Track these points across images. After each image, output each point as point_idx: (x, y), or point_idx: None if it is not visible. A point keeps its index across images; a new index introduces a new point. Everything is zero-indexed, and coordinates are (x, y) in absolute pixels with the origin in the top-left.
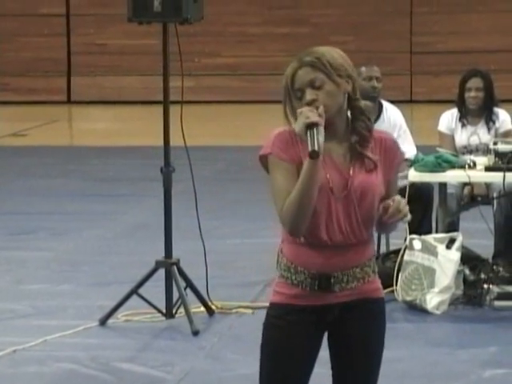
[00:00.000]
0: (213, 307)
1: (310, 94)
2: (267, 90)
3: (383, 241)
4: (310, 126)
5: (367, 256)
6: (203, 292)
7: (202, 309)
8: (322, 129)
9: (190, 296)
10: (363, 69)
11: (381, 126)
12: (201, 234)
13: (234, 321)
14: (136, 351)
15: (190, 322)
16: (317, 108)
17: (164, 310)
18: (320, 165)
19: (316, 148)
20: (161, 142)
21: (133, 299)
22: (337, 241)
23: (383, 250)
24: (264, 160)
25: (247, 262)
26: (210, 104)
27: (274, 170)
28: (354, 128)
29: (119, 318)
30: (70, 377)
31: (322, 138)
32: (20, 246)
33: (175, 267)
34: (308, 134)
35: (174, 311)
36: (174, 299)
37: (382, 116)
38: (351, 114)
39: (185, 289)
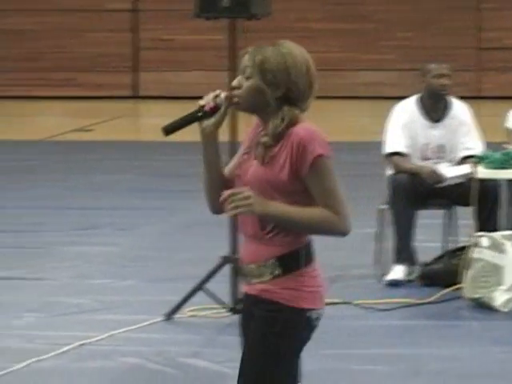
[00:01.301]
0: None
1: (236, 80)
2: (330, 85)
3: (450, 237)
4: (201, 107)
5: (266, 256)
6: None
7: None
8: (218, 113)
9: None
10: (433, 66)
11: (448, 122)
12: None
13: None
14: (201, 346)
15: None
16: (218, 95)
17: (229, 306)
18: (209, 146)
19: (166, 125)
20: (227, 138)
21: (198, 294)
22: (247, 230)
23: (449, 247)
24: None
25: None
26: None
27: None
28: (268, 124)
29: (185, 313)
30: (136, 371)
31: (208, 122)
32: (85, 241)
33: None
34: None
35: (239, 307)
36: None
37: (449, 113)
38: (273, 112)
39: None
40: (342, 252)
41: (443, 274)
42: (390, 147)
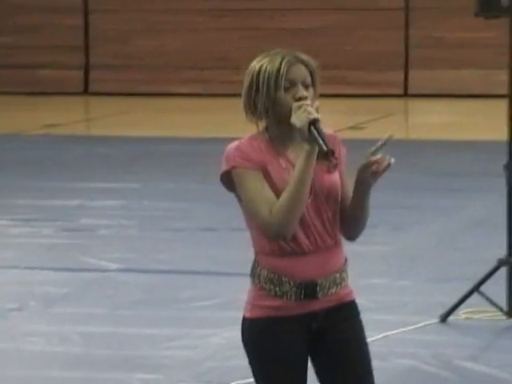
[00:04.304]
0: None
1: (302, 91)
2: None
3: None
4: (314, 122)
5: (342, 260)
6: None
7: None
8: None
9: None
10: None
11: None
12: None
13: None
14: (478, 350)
15: None
16: (311, 104)
17: (505, 309)
18: (313, 162)
19: (327, 147)
20: (502, 137)
21: (473, 297)
22: (316, 245)
23: None
24: (227, 177)
25: None
26: None
27: (245, 181)
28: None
29: (460, 316)
30: (411, 373)
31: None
32: (361, 241)
33: None
34: (314, 131)
35: None
36: None
37: None
38: None
39: None
40: None
41: None
42: None
